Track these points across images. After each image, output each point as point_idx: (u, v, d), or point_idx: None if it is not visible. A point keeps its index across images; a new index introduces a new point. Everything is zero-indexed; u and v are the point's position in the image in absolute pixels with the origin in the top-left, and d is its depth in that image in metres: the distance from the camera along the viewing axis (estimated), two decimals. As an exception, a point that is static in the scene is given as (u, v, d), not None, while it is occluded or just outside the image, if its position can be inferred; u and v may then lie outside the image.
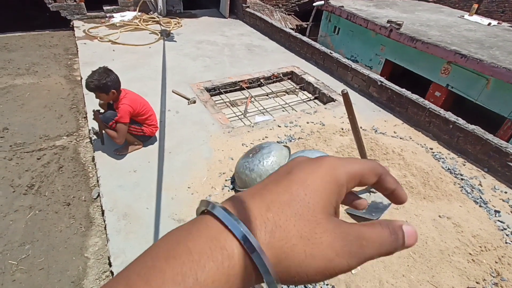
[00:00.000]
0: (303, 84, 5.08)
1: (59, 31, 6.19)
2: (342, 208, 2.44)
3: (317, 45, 5.63)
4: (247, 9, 7.48)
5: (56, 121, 3.64)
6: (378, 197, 2.51)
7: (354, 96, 4.66)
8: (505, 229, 2.61)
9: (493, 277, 2.21)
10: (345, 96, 1.96)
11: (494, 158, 3.21)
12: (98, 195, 2.74)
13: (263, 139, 3.51)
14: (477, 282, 2.13)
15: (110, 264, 2.21)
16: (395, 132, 3.83)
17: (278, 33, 6.52)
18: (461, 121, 3.53)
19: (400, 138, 3.65)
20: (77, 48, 5.28)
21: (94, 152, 3.12)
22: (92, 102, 3.84)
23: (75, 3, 6.37)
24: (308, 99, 4.77)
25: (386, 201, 2.44)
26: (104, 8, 6.77)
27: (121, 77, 2.88)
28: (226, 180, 2.93)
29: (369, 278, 2.07)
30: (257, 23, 7.22)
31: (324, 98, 4.69)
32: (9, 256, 2.27)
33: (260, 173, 2.62)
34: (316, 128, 3.68)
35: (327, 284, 2.06)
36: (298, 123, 3.87)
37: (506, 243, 2.48)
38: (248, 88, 4.86)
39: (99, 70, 2.71)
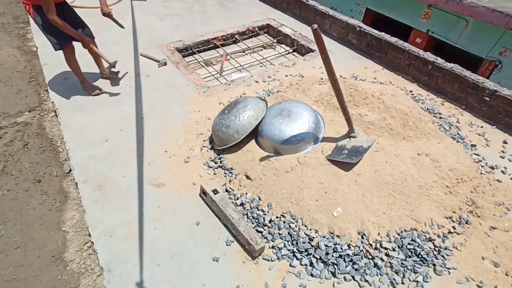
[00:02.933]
0: (280, 37, 4.84)
1: (7, -1, 5.57)
2: (323, 156, 2.41)
3: (292, -6, 5.28)
4: (214, -40, 6.87)
5: (14, 96, 3.37)
6: (358, 141, 2.48)
7: (333, 44, 4.49)
8: (481, 161, 2.67)
9: (469, 205, 2.28)
10: (316, 32, 1.82)
11: (472, 95, 3.20)
12: (70, 169, 2.62)
13: (240, 96, 3.37)
14: (453, 212, 2.20)
15: (90, 235, 2.15)
16: (375, 78, 3.75)
17: (249, -16, 6.06)
18: (440, 60, 3.46)
19: (380, 83, 3.58)
20: (28, 15, 4.78)
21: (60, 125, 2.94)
22: (52, 73, 3.56)
23: (19, -35, 5.65)
24: (287, 52, 4.57)
25: (366, 144, 2.42)
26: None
27: (76, 39, 2.62)
28: (204, 141, 2.83)
29: (351, 219, 2.10)
30: (226, -25, 6.67)
31: (302, 50, 4.50)
32: (-18, 238, 2.18)
33: (237, 128, 2.53)
34: (295, 81, 3.55)
35: (310, 229, 2.08)
36: (277, 77, 3.72)
37: (481, 173, 2.54)
38: (222, 45, 4.59)
39: None
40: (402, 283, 1.88)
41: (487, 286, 1.89)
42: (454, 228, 2.15)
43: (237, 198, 2.30)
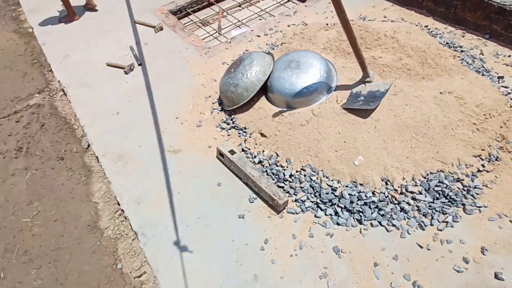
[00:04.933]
0: (279, -16, 4.48)
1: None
2: (338, 105, 2.33)
3: None
4: None
5: (21, 80, 3.34)
6: (374, 86, 2.37)
7: (338, -15, 4.12)
8: (510, 93, 2.51)
9: (498, 141, 2.19)
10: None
11: (497, 21, 2.93)
12: (88, 144, 2.65)
13: (243, 53, 3.23)
14: (482, 150, 2.12)
15: (118, 204, 2.24)
16: (385, 17, 3.48)
17: None
18: (459, -13, 3.14)
19: (392, 21, 3.33)
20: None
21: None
22: (52, 51, 3.50)
23: None
24: (286, 0, 4.26)
25: (382, 87, 2.30)
26: None
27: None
28: (213, 103, 2.77)
29: (374, 166, 2.07)
30: None
31: (304, -5, 4.18)
32: (21, 215, 2.30)
33: (245, 86, 2.45)
34: (298, 30, 3.34)
35: (332, 180, 2.07)
36: (279, 28, 3.51)
37: (511, 107, 2.40)
38: (217, 1, 4.32)
39: None
40: (431, 224, 1.88)
41: (521, 220, 1.86)
42: (483, 166, 2.09)
43: (255, 157, 2.30)
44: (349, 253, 1.82)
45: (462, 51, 2.87)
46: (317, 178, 2.10)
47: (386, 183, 2.01)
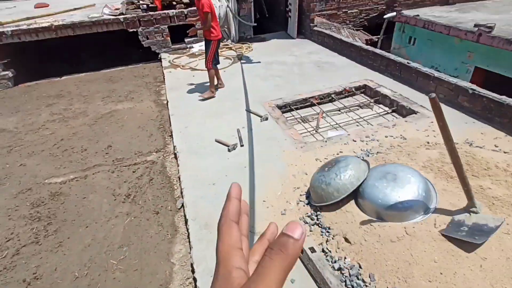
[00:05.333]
0: (378, 97, 4.81)
1: (150, 63, 7.17)
2: (436, 229, 2.16)
3: (392, 56, 5.33)
4: (315, 28, 7.56)
5: (147, 139, 4.14)
6: (481, 218, 2.16)
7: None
8: None
9: None
10: (433, 101, 1.78)
11: None
12: (182, 205, 2.97)
13: (337, 154, 3.39)
14: None
15: (193, 271, 2.33)
16: (496, 146, 3.30)
17: (348, 48, 6.39)
18: None
19: (505, 152, 3.12)
20: (163, 76, 6.02)
21: (178, 166, 3.44)
22: (176, 122, 4.30)
23: (162, 38, 7.33)
24: (385, 112, 4.48)
25: (492, 223, 2.08)
26: (186, 40, 7.63)
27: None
28: (300, 195, 2.88)
29: (477, 314, 1.75)
30: (325, 40, 7.21)
31: (403, 111, 4.35)
32: (110, 256, 2.58)
33: (337, 187, 2.51)
34: (396, 142, 3.41)
35: (422, 315, 1.80)
36: (375, 137, 3.64)
37: None
38: (319, 104, 4.81)
39: None
40: None
41: None
42: None
43: (335, 262, 2.20)
44: None
45: None
46: (404, 308, 1.86)
47: None
